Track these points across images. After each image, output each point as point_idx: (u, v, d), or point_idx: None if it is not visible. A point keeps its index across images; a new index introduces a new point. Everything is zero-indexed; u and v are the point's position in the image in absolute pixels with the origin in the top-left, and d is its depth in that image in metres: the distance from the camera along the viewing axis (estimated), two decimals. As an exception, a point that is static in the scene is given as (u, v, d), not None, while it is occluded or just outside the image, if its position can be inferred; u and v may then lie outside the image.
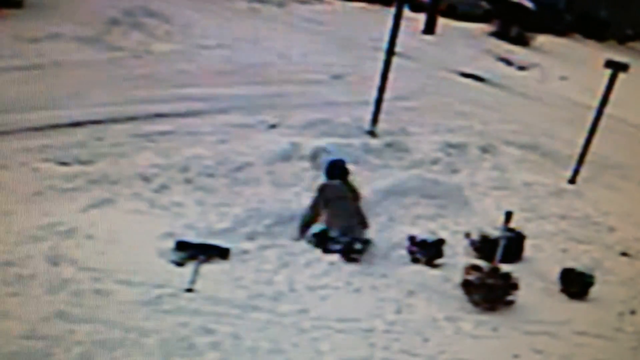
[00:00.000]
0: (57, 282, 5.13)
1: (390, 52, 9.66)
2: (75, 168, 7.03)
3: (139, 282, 5.36)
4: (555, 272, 6.99)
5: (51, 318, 4.73)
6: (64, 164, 7.09)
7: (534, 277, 6.93)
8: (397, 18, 9.49)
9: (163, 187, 7.01)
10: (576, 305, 6.63)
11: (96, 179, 6.86)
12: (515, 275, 6.39)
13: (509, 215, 6.37)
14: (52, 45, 10.42)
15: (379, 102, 9.73)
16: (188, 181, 7.22)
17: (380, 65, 9.72)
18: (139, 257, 5.72)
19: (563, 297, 6.78)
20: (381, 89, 9.72)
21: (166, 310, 5.10)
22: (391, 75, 9.74)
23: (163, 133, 8.21)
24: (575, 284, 6.83)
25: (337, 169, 7.10)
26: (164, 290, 5.34)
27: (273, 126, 9.23)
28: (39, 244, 5.56)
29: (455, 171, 9.27)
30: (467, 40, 20.19)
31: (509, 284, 6.32)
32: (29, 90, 8.72)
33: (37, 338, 4.51)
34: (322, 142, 8.73)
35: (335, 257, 6.47)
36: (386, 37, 9.66)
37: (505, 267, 6.43)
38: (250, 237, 6.51)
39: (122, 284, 5.28)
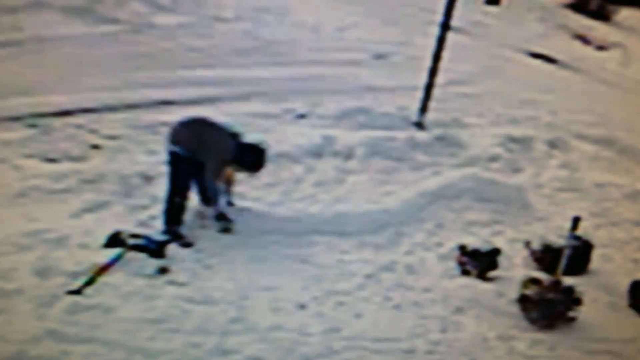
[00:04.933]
0: (47, 297, 5.43)
1: (445, 26, 9.85)
2: (65, 166, 7.34)
3: (144, 297, 5.72)
4: (624, 285, 7.20)
5: (41, 338, 5.01)
6: (51, 160, 7.39)
7: (600, 291, 7.15)
8: (455, -15, 9.64)
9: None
10: (645, 322, 6.86)
11: (90, 179, 7.15)
12: (579, 289, 6.65)
13: (576, 221, 6.59)
14: (33, 17, 10.61)
15: (429, 87, 9.96)
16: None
17: (432, 43, 9.91)
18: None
19: (631, 313, 7.00)
20: (433, 72, 9.94)
21: (175, 329, 5.44)
22: (445, 55, 9.93)
23: (168, 124, 8.34)
24: (646, 297, 7.05)
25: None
26: (173, 306, 5.71)
27: (302, 116, 9.55)
28: (25, 254, 5.87)
29: (517, 170, 9.48)
30: (538, 14, 20.12)
31: (572, 299, 6.57)
32: (6, 71, 8.97)
33: (26, 361, 4.83)
34: (360, 135, 9.05)
35: (370, 269, 6.84)
36: (441, 9, 9.84)
37: (568, 280, 6.69)
38: (272, 245, 6.91)
39: (124, 299, 5.63)
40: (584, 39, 19.01)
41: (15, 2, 10.89)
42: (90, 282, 5.69)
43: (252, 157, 6.75)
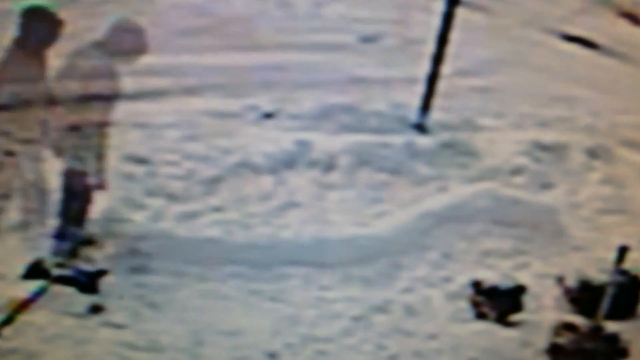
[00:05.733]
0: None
1: (454, 0, 10.16)
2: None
3: (74, 341, 5.99)
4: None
5: None
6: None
7: (651, 338, 7.39)
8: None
9: (103, 210, 7.59)
10: None
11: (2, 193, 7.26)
12: (624, 337, 6.89)
13: (623, 252, 6.85)
14: None
15: (433, 79, 10.19)
16: (134, 204, 7.87)
17: (436, 21, 10.18)
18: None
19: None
20: (437, 59, 10.19)
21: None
22: (454, 38, 10.22)
23: (97, 125, 8.17)
24: None
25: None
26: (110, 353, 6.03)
27: (269, 115, 9.83)
28: None
29: (547, 186, 9.64)
30: None
31: (616, 350, 6.82)
32: None
33: None
34: (344, 140, 9.33)
35: (358, 309, 7.13)
36: (447, -24, 10.11)
37: (611, 326, 6.94)
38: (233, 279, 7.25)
39: (49, 343, 5.89)
40: (633, 18, 19.16)
41: None
42: (7, 321, 5.95)
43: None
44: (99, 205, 7.58)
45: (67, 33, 7.49)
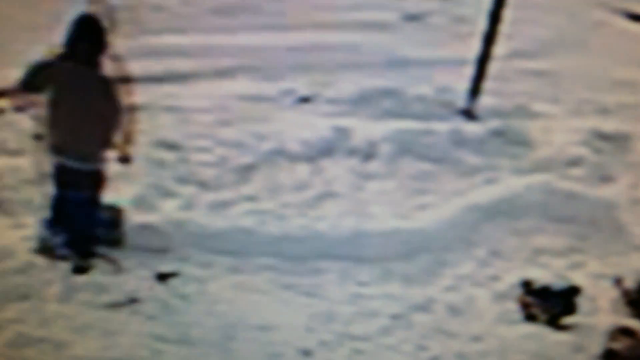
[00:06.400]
0: None
1: (508, -25, 10.24)
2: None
3: (104, 332, 6.28)
4: None
5: None
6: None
7: None
8: None
9: (133, 198, 7.89)
10: None
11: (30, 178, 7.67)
12: None
13: None
14: None
15: (483, 61, 10.38)
16: (164, 192, 8.15)
17: None
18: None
19: None
20: (489, 40, 10.34)
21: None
22: (507, 16, 10.30)
23: (129, 108, 8.87)
24: None
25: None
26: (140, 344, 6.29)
27: (305, 100, 10.10)
28: None
29: (606, 179, 9.73)
30: None
31: None
32: None
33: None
34: (385, 127, 9.50)
35: (398, 307, 7.36)
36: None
37: None
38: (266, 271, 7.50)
39: (79, 333, 6.20)
40: None
41: None
42: None
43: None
44: (128, 191, 7.87)
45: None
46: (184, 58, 10.42)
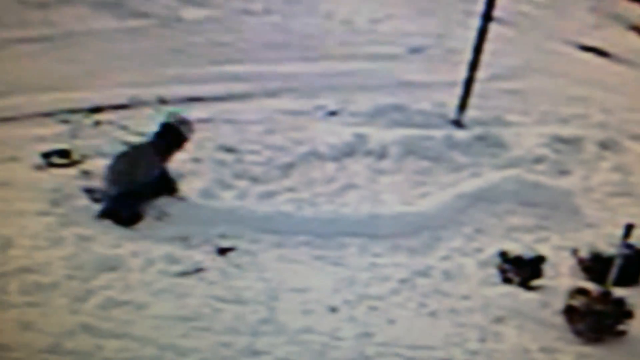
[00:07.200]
0: (82, 292, 5.98)
1: (487, 17, 10.00)
2: (97, 162, 7.84)
3: (176, 295, 6.20)
4: (681, 299, 7.32)
5: (77, 332, 5.51)
6: (82, 156, 7.98)
7: (654, 303, 7.26)
8: (497, -28, 9.79)
9: (200, 190, 7.78)
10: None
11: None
12: (630, 301, 6.78)
13: (629, 229, 6.73)
14: (63, 12, 11.12)
15: (469, 82, 10.12)
16: (224, 185, 8.00)
17: (472, 35, 10.09)
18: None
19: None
20: (473, 66, 10.10)
21: (206, 328, 5.86)
22: (487, 48, 10.11)
23: (198, 121, 8.63)
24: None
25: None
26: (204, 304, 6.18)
27: (333, 113, 9.86)
28: (59, 248, 6.46)
29: (564, 172, 9.54)
30: (589, 3, 19.62)
31: (622, 312, 6.70)
32: (38, 66, 9.60)
33: (62, 353, 5.28)
34: (394, 133, 9.31)
35: (404, 273, 7.16)
36: (482, -2, 10.00)
37: (618, 292, 6.82)
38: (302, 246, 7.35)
39: (155, 296, 6.12)
40: None
41: (46, -3, 11.45)
42: None
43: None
44: (196, 184, 7.81)
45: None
46: (241, 82, 10.32)
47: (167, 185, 7.47)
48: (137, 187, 7.22)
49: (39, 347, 5.28)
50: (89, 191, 7.30)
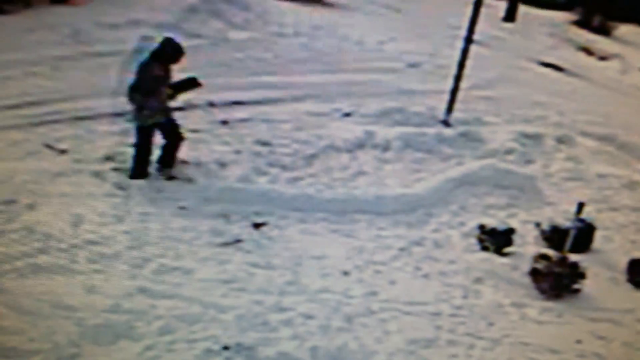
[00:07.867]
0: (140, 260, 5.61)
1: (469, 40, 9.72)
2: (156, 153, 7.43)
3: (218, 262, 5.82)
4: (623, 263, 7.08)
5: (134, 294, 5.15)
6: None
7: (602, 267, 7.02)
8: (477, 5, 9.54)
9: (239, 175, 7.42)
10: (642, 295, 6.71)
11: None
12: (583, 265, 6.54)
13: (581, 206, 6.50)
14: (132, 32, 10.75)
15: (454, 91, 9.82)
16: (260, 171, 7.62)
17: (457, 54, 9.82)
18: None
19: (629, 287, 6.87)
20: (457, 78, 9.80)
21: (242, 289, 5.51)
22: (469, 64, 9.82)
23: (240, 120, 8.66)
24: (643, 273, 6.89)
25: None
26: (241, 269, 5.79)
27: (347, 115, 9.51)
28: (122, 224, 6.09)
29: (529, 162, 9.27)
30: (548, 29, 19.72)
31: (577, 273, 6.46)
32: (109, 76, 9.05)
33: (121, 312, 4.92)
34: (396, 131, 8.98)
35: (403, 243, 6.81)
36: (465, 25, 9.75)
37: (573, 257, 6.57)
38: (321, 222, 6.95)
39: (201, 263, 5.74)
40: (588, 51, 18.63)
41: (117, 20, 11.28)
42: None
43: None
44: (236, 171, 7.49)
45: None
46: (274, 90, 10.02)
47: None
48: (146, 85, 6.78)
49: (102, 307, 4.94)
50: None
